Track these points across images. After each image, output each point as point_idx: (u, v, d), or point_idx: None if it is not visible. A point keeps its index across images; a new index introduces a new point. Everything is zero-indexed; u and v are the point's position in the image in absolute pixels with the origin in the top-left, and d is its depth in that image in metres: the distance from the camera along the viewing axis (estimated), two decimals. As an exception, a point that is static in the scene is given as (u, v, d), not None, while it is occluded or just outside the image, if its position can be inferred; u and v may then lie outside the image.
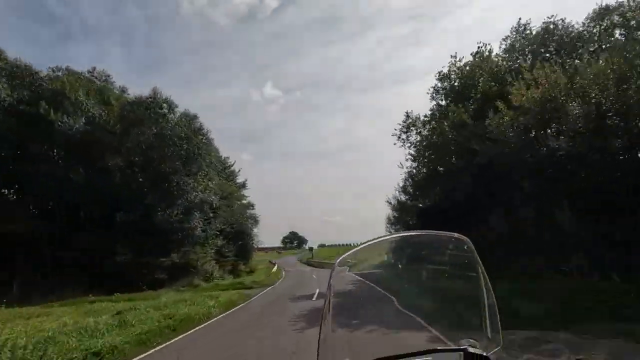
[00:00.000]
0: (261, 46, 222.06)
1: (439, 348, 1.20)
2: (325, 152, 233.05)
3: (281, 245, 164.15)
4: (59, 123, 21.26)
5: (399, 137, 20.61)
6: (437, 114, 19.42)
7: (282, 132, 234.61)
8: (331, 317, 1.33)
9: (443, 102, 19.97)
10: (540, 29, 17.01)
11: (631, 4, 14.33)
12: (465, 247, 1.44)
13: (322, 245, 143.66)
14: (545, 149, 11.91)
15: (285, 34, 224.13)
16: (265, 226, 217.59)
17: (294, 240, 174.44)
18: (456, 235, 1.46)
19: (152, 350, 7.44)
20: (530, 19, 21.26)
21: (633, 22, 14.01)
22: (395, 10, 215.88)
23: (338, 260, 1.43)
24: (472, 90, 17.78)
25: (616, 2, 15.04)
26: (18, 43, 69.71)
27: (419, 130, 20.07)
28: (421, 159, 20.18)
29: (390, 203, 25.84)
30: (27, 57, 39.63)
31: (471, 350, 1.19)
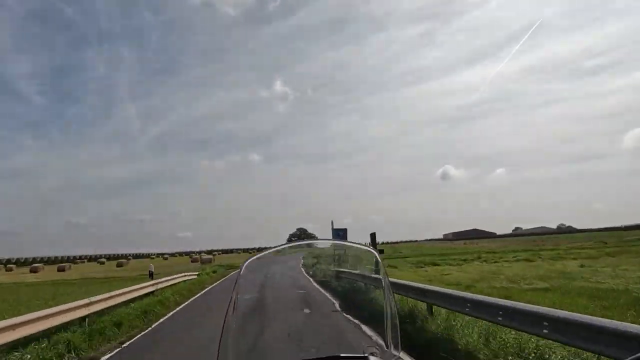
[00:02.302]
0: (271, 48, 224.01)
1: (342, 355, 1.25)
2: (334, 153, 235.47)
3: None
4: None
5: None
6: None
7: (291, 134, 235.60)
8: (235, 318, 1.32)
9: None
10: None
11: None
12: (374, 260, 1.51)
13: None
14: None
15: (295, 35, 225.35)
16: (272, 228, 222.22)
17: (302, 238, 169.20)
18: (365, 248, 1.56)
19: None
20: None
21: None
22: (406, 11, 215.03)
23: (247, 262, 1.45)
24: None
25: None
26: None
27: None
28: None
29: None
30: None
31: (372, 358, 1.26)
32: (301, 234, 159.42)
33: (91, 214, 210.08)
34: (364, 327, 3.92)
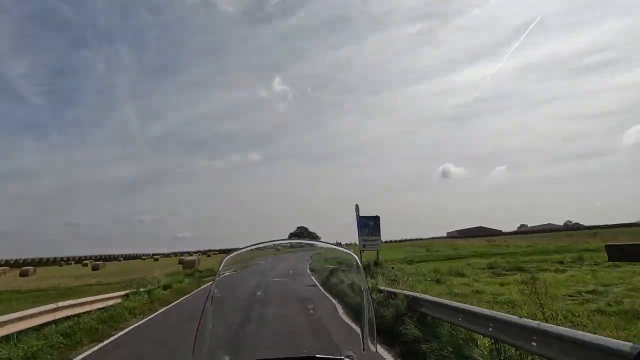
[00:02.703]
0: (271, 48, 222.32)
1: (318, 356, 1.31)
2: (334, 152, 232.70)
3: None
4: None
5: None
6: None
7: (291, 133, 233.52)
8: (212, 311, 1.35)
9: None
10: None
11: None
12: (354, 264, 1.54)
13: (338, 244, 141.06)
14: None
15: (294, 35, 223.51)
16: (272, 228, 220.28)
17: (303, 238, 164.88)
18: (347, 251, 1.60)
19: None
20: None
21: None
22: (405, 10, 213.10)
23: (228, 257, 1.49)
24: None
25: None
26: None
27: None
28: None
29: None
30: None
31: None
32: (302, 233, 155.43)
33: (90, 214, 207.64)
34: None
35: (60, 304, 8.72)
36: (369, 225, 18.74)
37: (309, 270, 22.19)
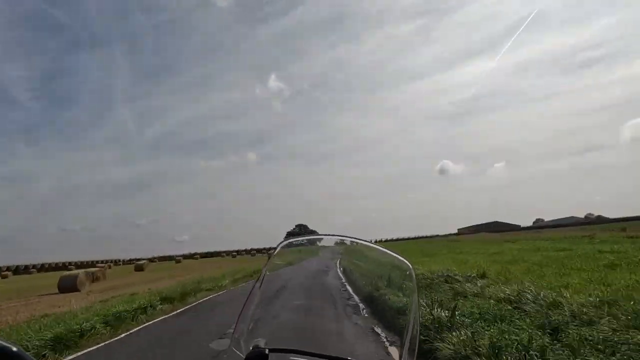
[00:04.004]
0: (267, 47, 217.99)
1: (349, 359, 1.23)
2: (332, 151, 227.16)
3: None
4: None
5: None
6: None
7: (289, 133, 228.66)
8: (260, 293, 1.37)
9: None
10: None
11: None
12: (407, 273, 1.43)
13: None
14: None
15: (291, 34, 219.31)
16: (270, 228, 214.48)
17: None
18: (400, 257, 1.44)
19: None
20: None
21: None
22: (402, 8, 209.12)
23: (280, 246, 1.47)
24: None
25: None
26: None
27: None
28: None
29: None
30: None
31: None
32: (301, 231, 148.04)
33: (87, 218, 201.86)
34: None
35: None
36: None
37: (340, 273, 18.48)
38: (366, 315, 8.39)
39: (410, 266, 1.38)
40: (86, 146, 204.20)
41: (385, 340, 6.05)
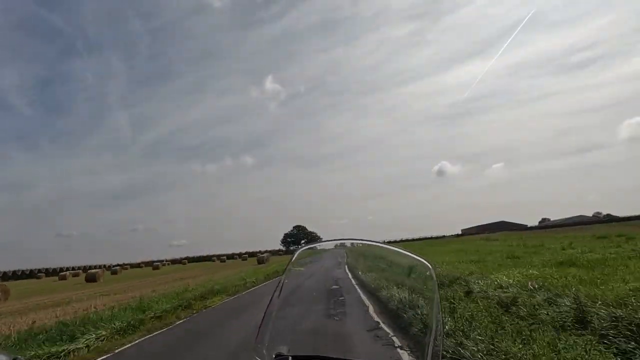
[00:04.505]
0: (262, 51, 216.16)
1: None
2: (329, 154, 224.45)
3: (280, 248, 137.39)
4: None
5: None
6: None
7: (285, 136, 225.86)
8: (280, 300, 1.38)
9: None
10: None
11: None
12: (427, 274, 1.39)
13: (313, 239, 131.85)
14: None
15: (286, 38, 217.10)
16: (268, 231, 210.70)
17: (300, 239, 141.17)
18: (421, 259, 1.40)
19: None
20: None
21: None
22: (395, 12, 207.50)
23: (299, 251, 1.52)
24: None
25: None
26: None
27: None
28: None
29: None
30: None
31: None
32: (299, 233, 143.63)
33: (82, 224, 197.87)
34: None
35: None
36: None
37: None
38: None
39: (430, 266, 1.34)
40: (82, 152, 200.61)
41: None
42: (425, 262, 1.34)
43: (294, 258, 1.46)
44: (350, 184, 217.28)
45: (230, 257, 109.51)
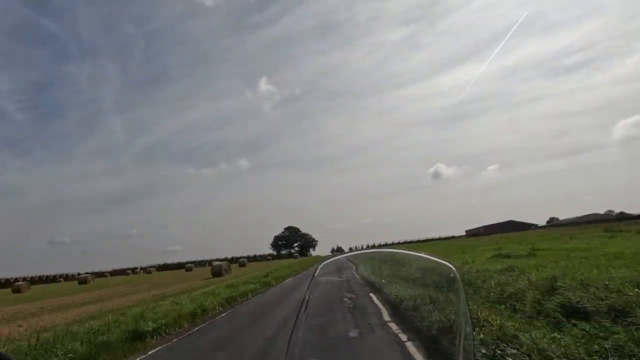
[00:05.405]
0: (258, 55, 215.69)
1: None
2: (325, 157, 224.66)
3: (270, 252, 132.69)
4: None
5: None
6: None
7: (281, 140, 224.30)
8: (308, 316, 1.39)
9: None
10: None
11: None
12: (451, 275, 1.40)
13: (339, 250, 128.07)
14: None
15: (282, 42, 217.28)
16: (266, 233, 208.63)
17: (293, 242, 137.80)
18: (444, 262, 1.42)
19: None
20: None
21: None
22: (391, 15, 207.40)
23: (322, 265, 1.56)
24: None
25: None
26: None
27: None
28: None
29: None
30: None
31: None
32: (291, 235, 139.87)
33: (77, 230, 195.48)
34: None
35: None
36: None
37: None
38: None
39: (454, 268, 1.34)
40: (76, 157, 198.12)
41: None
42: (448, 264, 1.39)
43: (316, 273, 1.52)
44: (346, 186, 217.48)
45: (209, 263, 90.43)
